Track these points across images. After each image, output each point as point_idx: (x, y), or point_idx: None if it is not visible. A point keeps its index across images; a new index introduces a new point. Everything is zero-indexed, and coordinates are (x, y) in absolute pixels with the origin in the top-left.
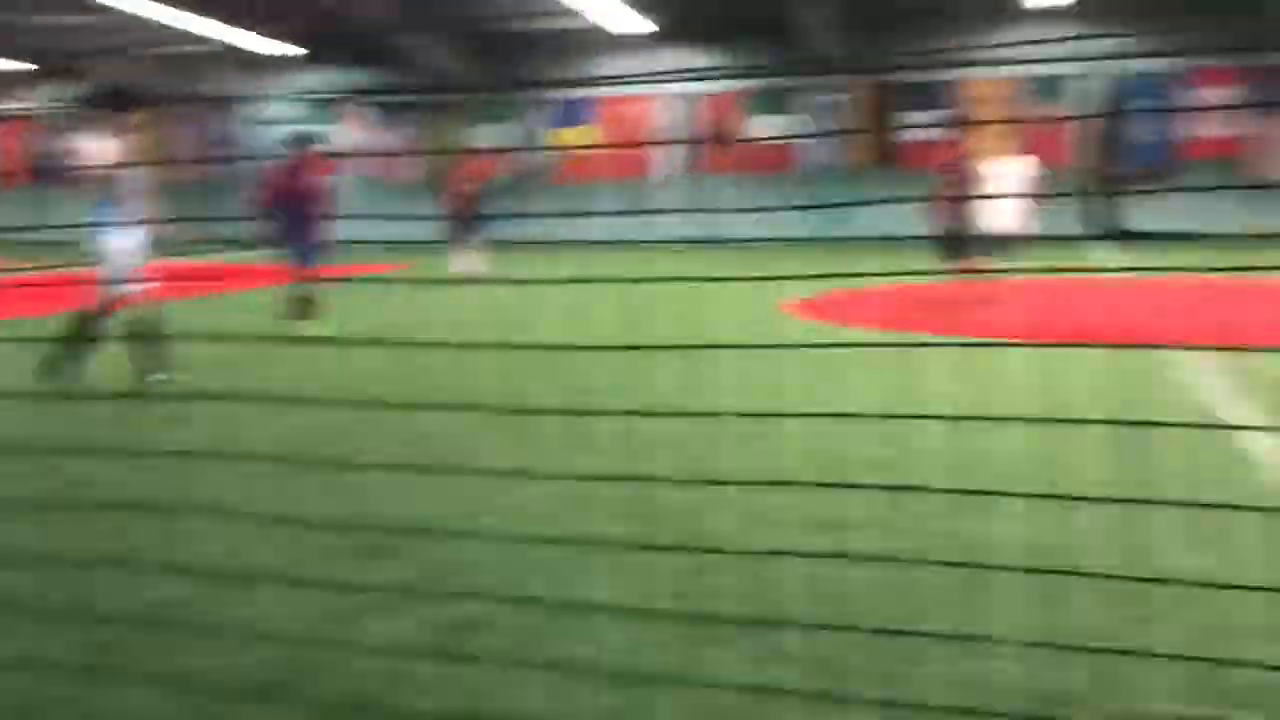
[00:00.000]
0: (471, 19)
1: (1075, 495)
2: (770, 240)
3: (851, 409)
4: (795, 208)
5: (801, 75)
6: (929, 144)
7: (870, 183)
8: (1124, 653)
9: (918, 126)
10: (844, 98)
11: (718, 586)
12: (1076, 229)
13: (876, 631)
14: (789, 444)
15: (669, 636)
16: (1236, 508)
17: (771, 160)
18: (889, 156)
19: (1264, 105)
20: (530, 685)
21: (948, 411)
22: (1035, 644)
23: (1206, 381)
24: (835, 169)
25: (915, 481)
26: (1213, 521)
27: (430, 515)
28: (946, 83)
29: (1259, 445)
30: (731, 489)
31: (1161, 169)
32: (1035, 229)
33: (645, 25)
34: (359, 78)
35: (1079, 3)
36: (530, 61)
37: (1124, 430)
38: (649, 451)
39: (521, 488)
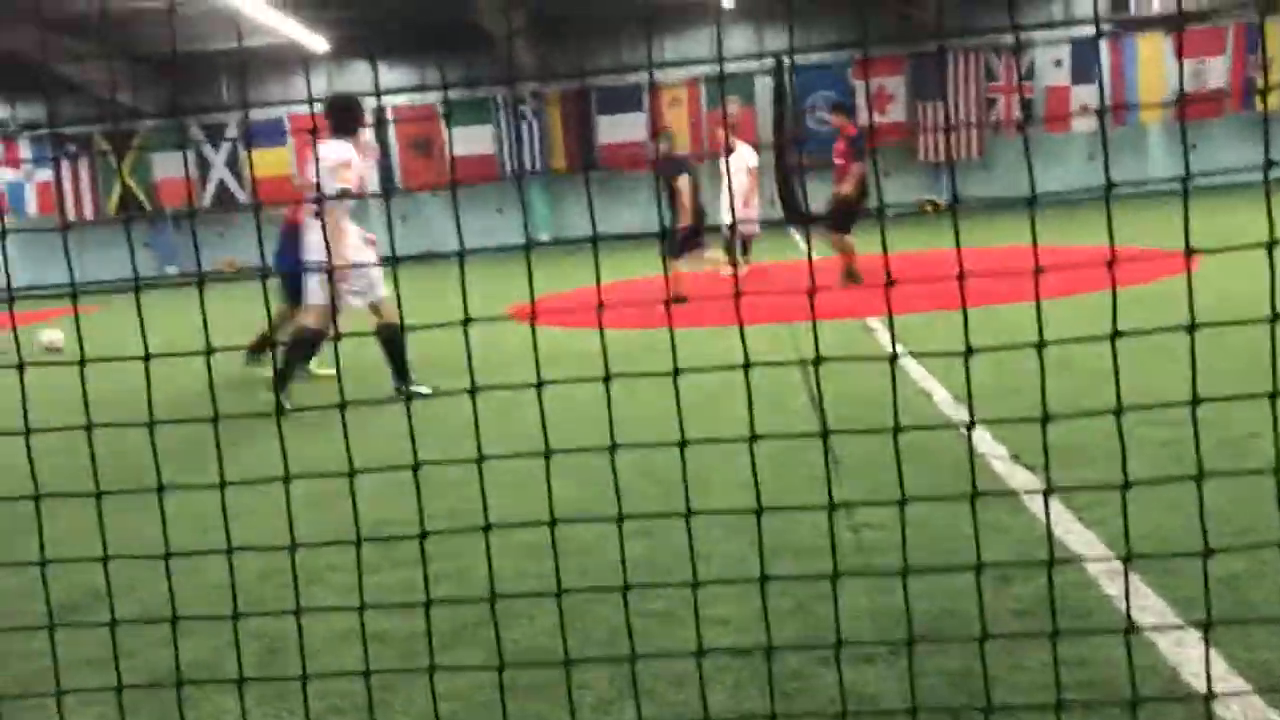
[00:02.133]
0: (145, 40)
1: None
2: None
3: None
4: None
5: (495, 85)
6: (624, 145)
7: (575, 187)
8: None
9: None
10: (540, 105)
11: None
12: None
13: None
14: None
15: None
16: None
17: (476, 171)
18: (590, 161)
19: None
20: None
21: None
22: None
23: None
24: (539, 176)
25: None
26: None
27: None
28: (639, 86)
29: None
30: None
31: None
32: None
33: (320, 43)
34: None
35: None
36: (213, 84)
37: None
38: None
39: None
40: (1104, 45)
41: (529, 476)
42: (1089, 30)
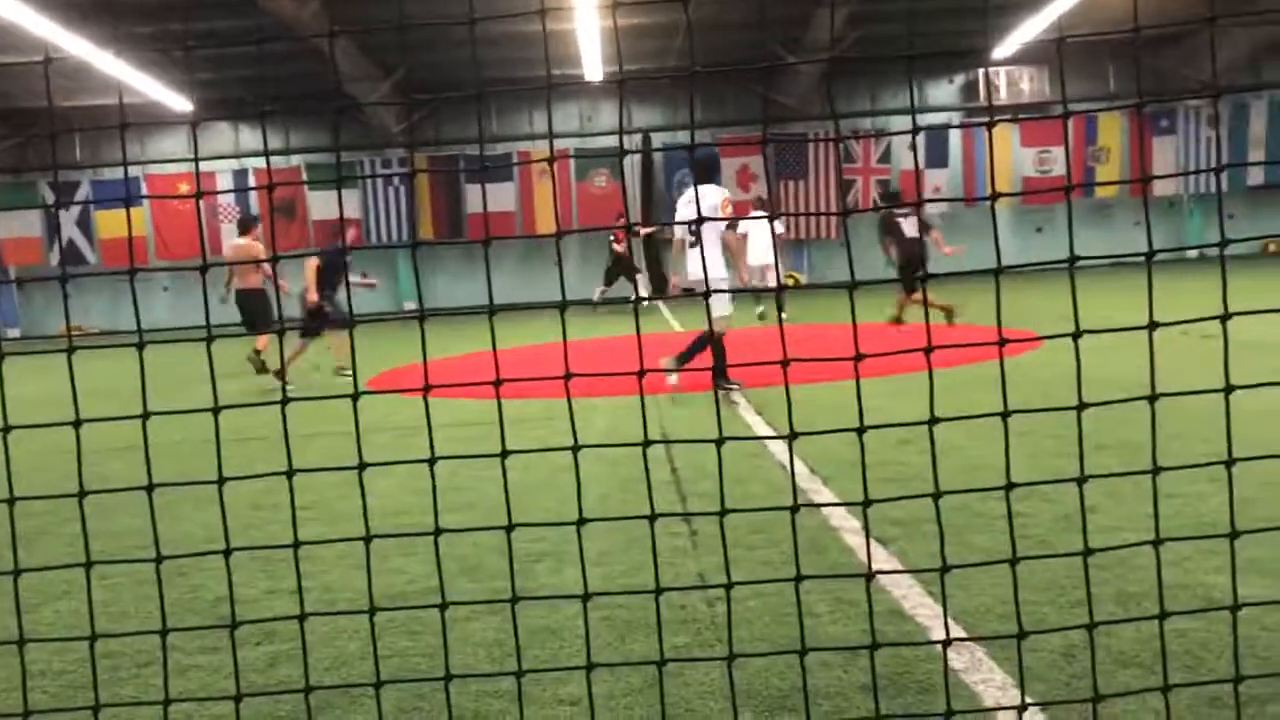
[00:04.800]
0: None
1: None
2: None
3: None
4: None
5: (363, 150)
6: (496, 215)
7: (438, 254)
8: None
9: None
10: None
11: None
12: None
13: (476, 676)
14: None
15: None
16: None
17: (337, 235)
18: (457, 228)
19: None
20: None
21: (527, 470)
22: (636, 662)
23: (754, 421)
24: (405, 244)
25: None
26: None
27: None
28: (508, 155)
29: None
30: (304, 569)
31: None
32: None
33: (184, 103)
34: None
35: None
36: (68, 140)
37: (685, 465)
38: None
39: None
40: (955, 132)
41: (377, 552)
42: (943, 117)
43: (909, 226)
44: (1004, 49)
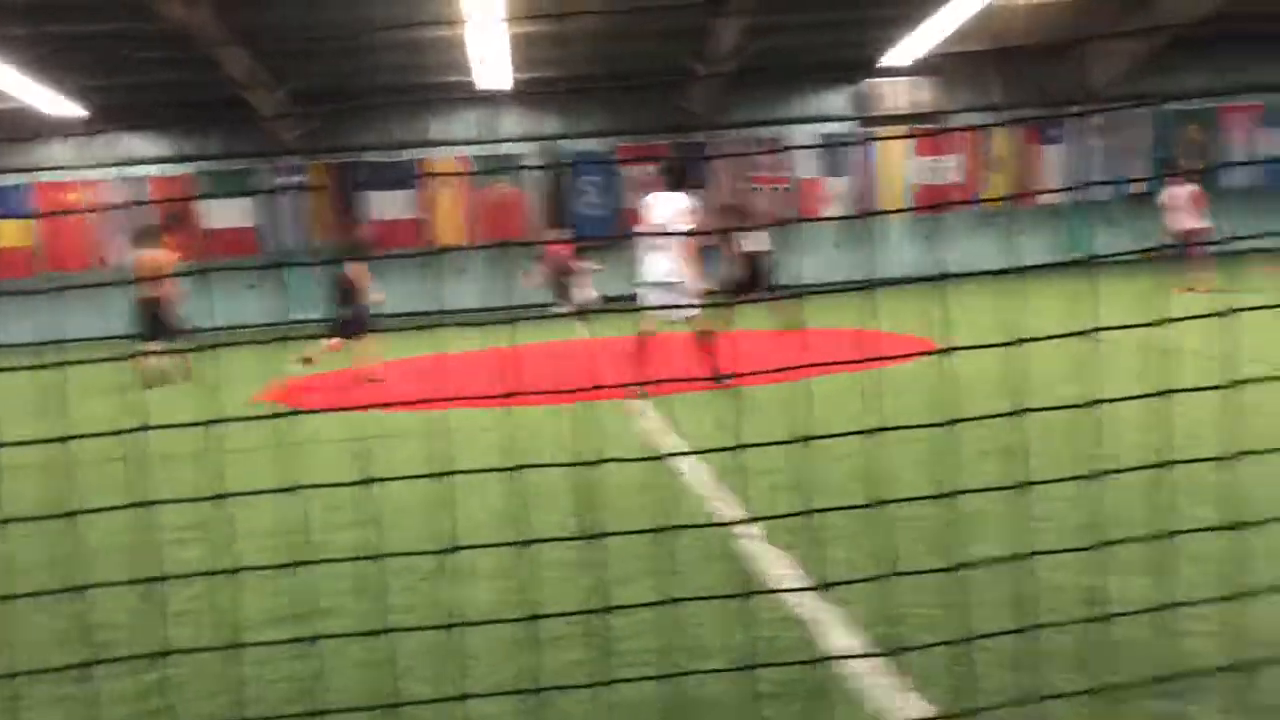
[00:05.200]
0: None
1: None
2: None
3: (342, 490)
4: None
5: (256, 158)
6: (394, 223)
7: (340, 265)
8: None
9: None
10: (303, 179)
11: (180, 703)
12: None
13: (351, 710)
14: (258, 541)
15: None
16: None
17: (234, 244)
18: (353, 237)
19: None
20: None
21: (419, 484)
22: (518, 690)
23: (648, 427)
24: (301, 251)
25: (394, 559)
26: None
27: None
28: (406, 163)
29: (693, 472)
30: (186, 594)
31: (610, 241)
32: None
33: (77, 110)
34: None
35: (519, 89)
36: None
37: (582, 480)
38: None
39: None
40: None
41: (261, 573)
42: (838, 127)
43: (752, 241)
44: (896, 59)
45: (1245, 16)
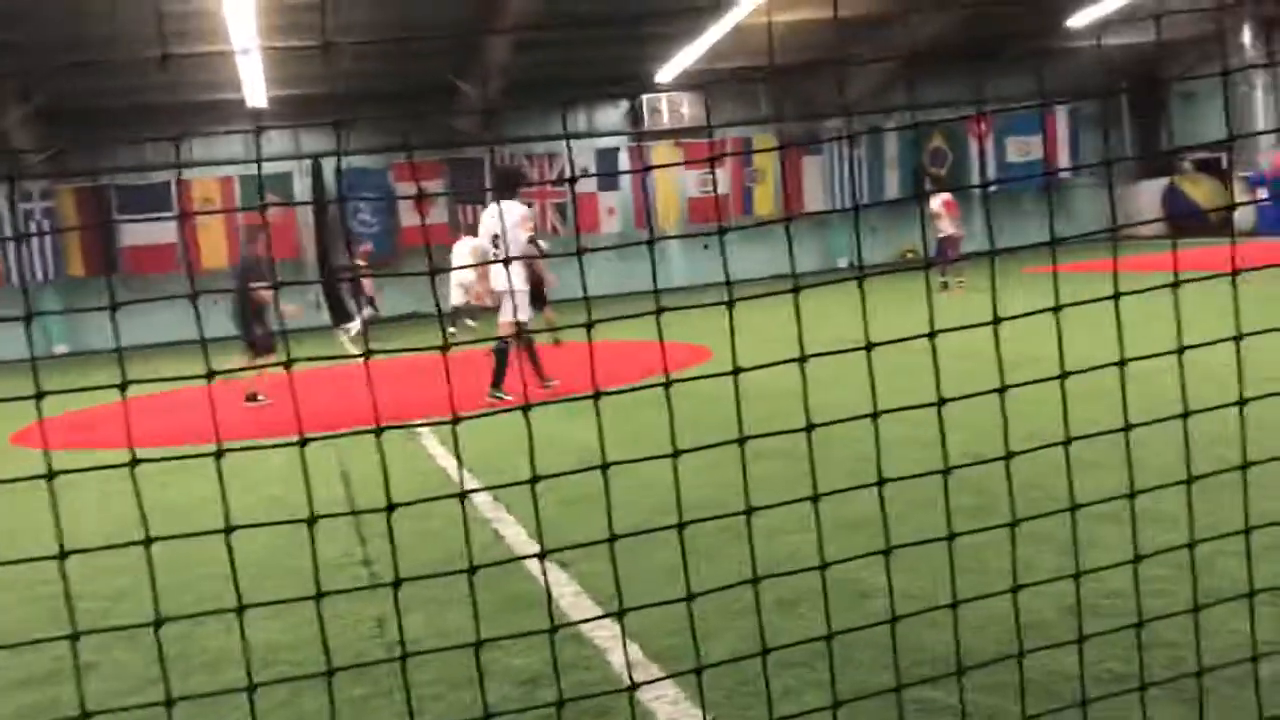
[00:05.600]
0: None
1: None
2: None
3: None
4: None
5: None
6: (153, 248)
7: (93, 292)
8: None
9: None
10: (50, 204)
11: None
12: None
13: None
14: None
15: None
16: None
17: None
18: (111, 264)
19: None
20: None
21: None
22: None
23: (435, 451)
24: (54, 282)
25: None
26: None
27: None
28: (167, 184)
29: (486, 506)
30: None
31: (388, 256)
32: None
33: None
34: None
35: (278, 102)
36: None
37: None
38: None
39: None
40: (625, 155)
41: (17, 630)
42: (612, 141)
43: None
44: (665, 75)
45: (980, 39)
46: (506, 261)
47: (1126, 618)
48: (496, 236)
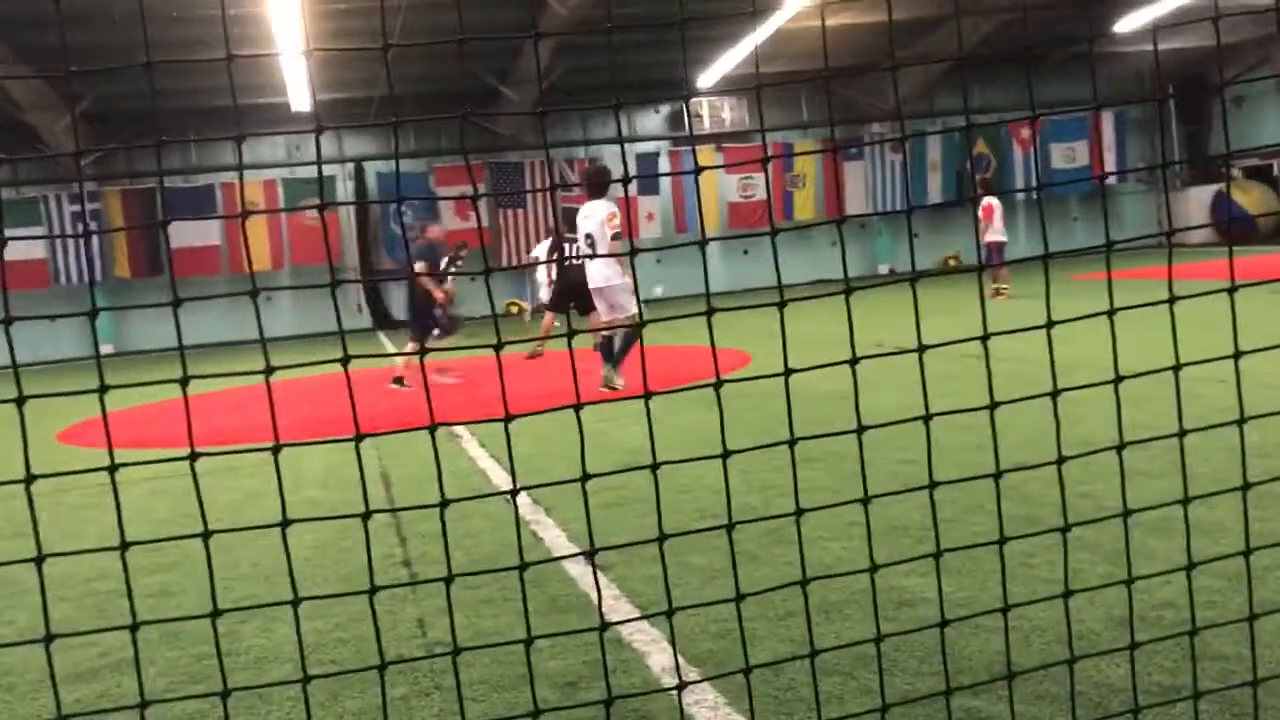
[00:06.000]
0: None
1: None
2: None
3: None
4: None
5: (47, 185)
6: (199, 250)
7: (139, 294)
8: None
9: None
10: (96, 206)
11: None
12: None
13: None
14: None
15: None
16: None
17: (23, 276)
18: (156, 266)
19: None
20: None
21: (244, 519)
22: None
23: (475, 453)
24: (101, 284)
25: (196, 600)
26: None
27: None
28: (211, 187)
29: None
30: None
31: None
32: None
33: None
34: None
35: (323, 111)
36: None
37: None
38: None
39: None
40: (665, 159)
41: (67, 624)
42: (653, 146)
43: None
44: (707, 79)
45: (1022, 39)
46: (599, 254)
47: (1174, 629)
48: (590, 236)
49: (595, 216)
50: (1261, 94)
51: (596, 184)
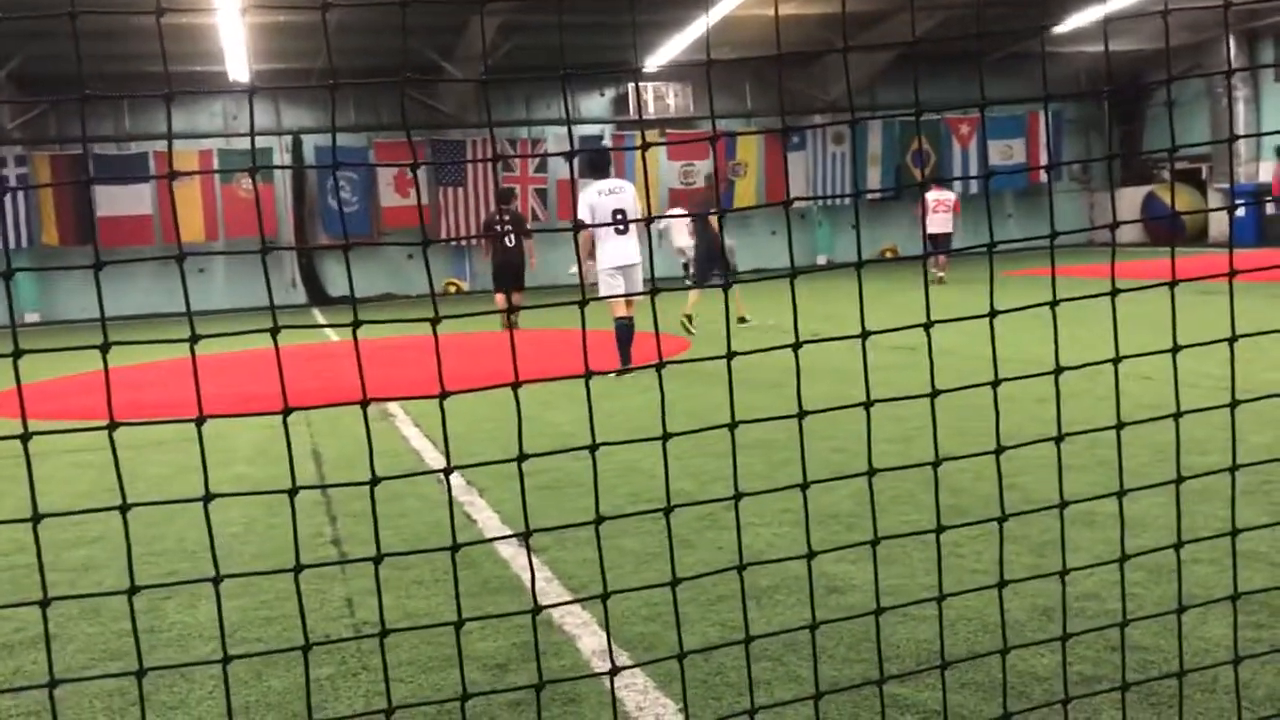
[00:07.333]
0: None
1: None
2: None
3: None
4: None
5: None
6: (129, 219)
7: (66, 260)
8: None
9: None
10: (25, 170)
11: None
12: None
13: None
14: None
15: None
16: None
17: None
18: (86, 233)
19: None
20: None
21: (173, 493)
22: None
23: (408, 432)
24: (27, 250)
25: (140, 580)
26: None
27: None
28: (144, 155)
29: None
30: None
31: (367, 235)
32: None
33: None
34: None
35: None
36: None
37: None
38: None
39: None
40: (609, 143)
41: None
42: (595, 129)
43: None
44: (652, 64)
45: (964, 37)
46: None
47: (1097, 620)
48: (623, 211)
49: (627, 192)
50: (1193, 99)
51: (602, 163)
